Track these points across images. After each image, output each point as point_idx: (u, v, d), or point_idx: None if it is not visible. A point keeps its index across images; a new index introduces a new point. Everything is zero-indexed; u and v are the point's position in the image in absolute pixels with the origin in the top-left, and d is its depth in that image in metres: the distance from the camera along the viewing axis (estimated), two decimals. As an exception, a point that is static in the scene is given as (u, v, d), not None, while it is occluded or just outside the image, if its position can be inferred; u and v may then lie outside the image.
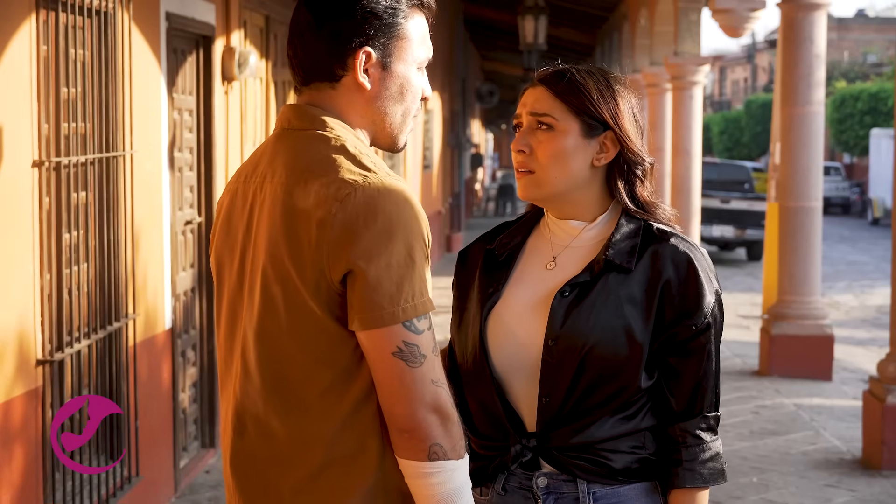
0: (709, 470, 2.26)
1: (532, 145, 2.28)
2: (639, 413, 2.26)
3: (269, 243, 1.96)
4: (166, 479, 5.84)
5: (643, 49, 15.85)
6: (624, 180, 2.31)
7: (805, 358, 9.30)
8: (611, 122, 2.28)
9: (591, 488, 2.25)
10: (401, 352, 1.89)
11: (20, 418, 4.21)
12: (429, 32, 2.11)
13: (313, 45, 2.02)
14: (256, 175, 2.04)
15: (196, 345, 6.48)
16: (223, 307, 2.09)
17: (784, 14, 9.29)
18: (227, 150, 6.76)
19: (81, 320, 4.72)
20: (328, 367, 1.94)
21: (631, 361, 2.23)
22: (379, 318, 1.88)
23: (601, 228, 2.32)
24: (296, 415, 1.96)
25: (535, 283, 2.31)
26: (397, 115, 2.06)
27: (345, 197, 1.90)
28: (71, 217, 4.61)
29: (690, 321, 2.24)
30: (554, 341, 2.23)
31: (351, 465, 1.96)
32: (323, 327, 1.93)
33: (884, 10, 69.60)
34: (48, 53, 4.38)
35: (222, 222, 2.11)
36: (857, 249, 23.17)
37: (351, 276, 1.89)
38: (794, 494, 6.23)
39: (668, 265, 2.24)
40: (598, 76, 2.32)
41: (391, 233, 1.89)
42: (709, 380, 2.27)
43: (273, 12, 7.93)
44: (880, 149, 31.46)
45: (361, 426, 1.96)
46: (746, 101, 47.86)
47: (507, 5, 17.11)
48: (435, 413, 1.90)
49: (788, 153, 9.26)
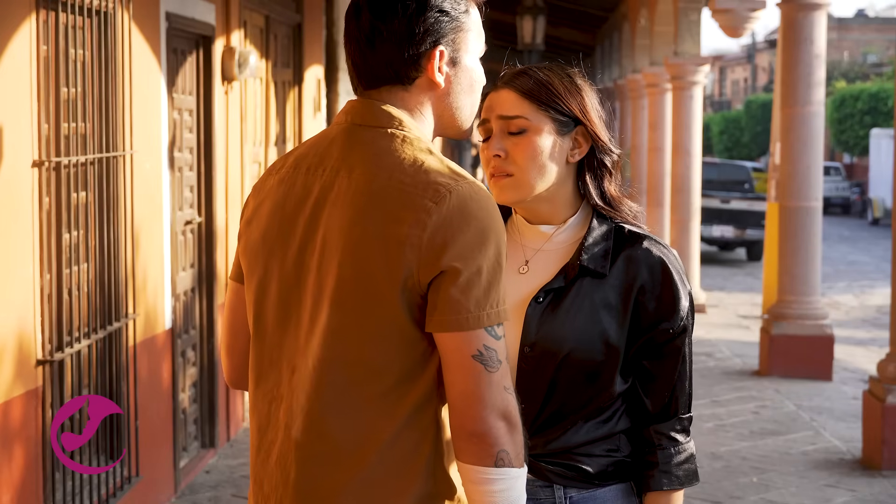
0: (684, 471, 2.28)
1: (507, 148, 2.27)
2: (613, 416, 2.26)
3: (349, 239, 1.92)
4: (166, 479, 5.84)
5: (643, 49, 15.85)
6: (593, 174, 2.31)
7: (805, 358, 9.30)
8: (580, 117, 2.28)
9: (567, 493, 2.26)
10: (481, 355, 1.88)
11: (20, 418, 4.21)
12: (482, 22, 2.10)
13: (384, 49, 1.98)
14: (324, 168, 1.99)
15: (196, 345, 6.48)
16: (270, 299, 2.03)
17: (784, 14, 9.29)
18: (227, 150, 6.76)
19: (81, 320, 4.72)
20: (395, 367, 1.92)
21: (607, 366, 2.23)
22: (465, 321, 1.88)
23: (572, 231, 2.31)
24: (355, 414, 1.94)
25: (508, 288, 2.29)
26: (468, 107, 2.06)
27: (440, 199, 1.89)
28: (71, 217, 4.61)
29: (667, 325, 2.25)
30: (530, 348, 2.23)
31: (404, 469, 1.94)
32: (399, 327, 1.91)
33: (884, 10, 69.60)
34: (48, 53, 4.38)
35: (272, 211, 2.04)
36: (857, 249, 23.17)
37: (441, 277, 1.88)
38: (794, 494, 6.23)
39: (642, 269, 2.25)
40: (559, 72, 2.32)
41: (485, 237, 1.89)
42: (683, 382, 2.29)
43: (273, 12, 7.93)
44: (880, 149, 31.46)
45: (418, 431, 1.94)
46: (746, 101, 47.86)
47: (506, 5, 17.09)
48: (504, 419, 1.89)
49: (788, 153, 9.26)
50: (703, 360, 10.12)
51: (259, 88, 7.82)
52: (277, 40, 8.21)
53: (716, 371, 9.69)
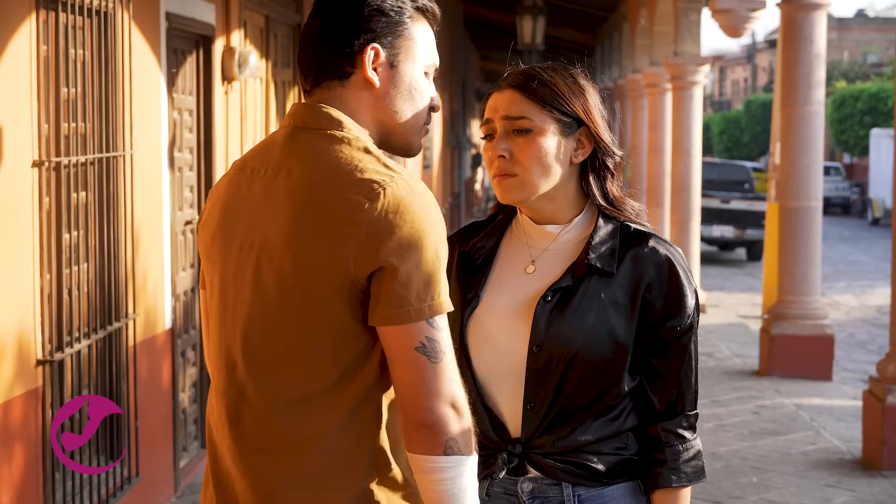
0: (692, 468, 2.28)
1: (512, 150, 2.27)
2: (621, 414, 2.27)
3: (287, 239, 1.96)
4: (166, 479, 5.84)
5: (643, 49, 15.85)
6: (596, 175, 2.32)
7: (805, 358, 9.30)
8: (584, 118, 2.29)
9: (576, 491, 2.26)
10: (423, 347, 1.92)
11: (20, 418, 4.21)
12: (435, 42, 2.12)
13: (323, 45, 2.04)
14: (266, 170, 2.04)
15: (196, 345, 6.48)
16: (215, 299, 2.08)
17: (784, 14, 9.29)
18: (227, 150, 6.76)
19: (81, 320, 4.72)
20: (337, 362, 1.95)
21: (615, 365, 2.23)
22: (406, 314, 1.91)
23: (578, 230, 2.32)
24: (297, 409, 1.97)
25: (514, 287, 2.31)
26: (407, 114, 2.07)
27: (375, 196, 1.92)
28: (71, 217, 4.61)
29: (674, 322, 2.26)
30: (539, 347, 2.23)
31: (348, 462, 1.97)
32: (339, 323, 1.94)
33: (884, 10, 69.63)
34: (48, 53, 4.38)
35: (220, 213, 2.09)
36: (857, 249, 23.17)
37: (380, 272, 1.91)
38: (794, 494, 6.23)
39: (649, 267, 2.25)
40: (563, 73, 2.32)
41: (421, 232, 1.91)
42: (690, 379, 2.30)
43: (273, 12, 7.93)
44: (880, 149, 31.46)
45: (359, 424, 1.97)
46: (746, 101, 47.87)
47: (506, 5, 17.11)
48: (451, 408, 1.93)
49: (788, 153, 9.26)
50: (704, 360, 10.12)
51: (259, 88, 7.82)
52: (277, 40, 8.21)
53: (716, 371, 9.70)
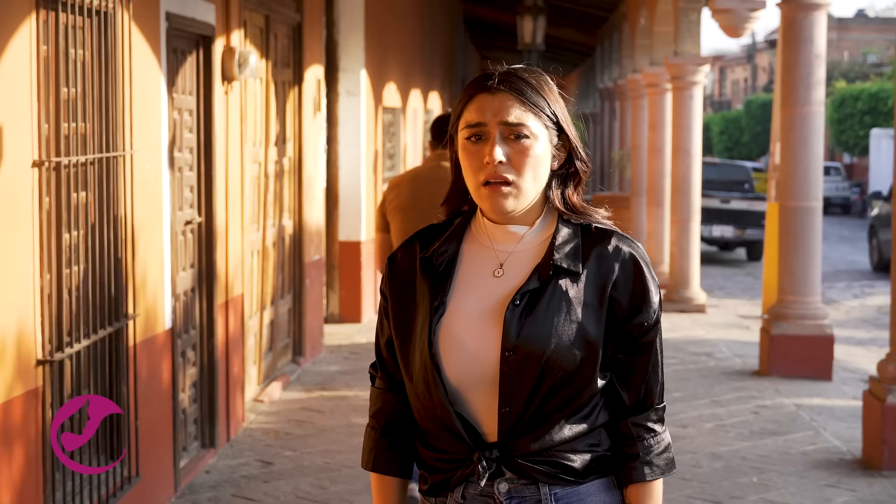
0: (664, 461, 2.30)
1: (509, 155, 2.24)
2: (593, 412, 2.27)
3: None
4: (166, 479, 5.84)
5: (643, 49, 15.85)
6: (564, 182, 2.31)
7: (805, 358, 9.30)
8: (564, 125, 2.28)
9: (552, 490, 2.26)
10: None
11: (20, 418, 4.21)
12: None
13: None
14: None
15: (196, 345, 6.48)
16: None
17: (784, 14, 9.29)
18: (227, 150, 6.76)
19: (81, 320, 4.71)
20: None
21: (587, 364, 2.23)
22: None
23: (541, 230, 2.31)
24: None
25: (481, 291, 2.28)
26: None
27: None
28: (71, 217, 4.61)
29: (641, 318, 2.27)
30: (511, 351, 2.21)
31: None
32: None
33: (884, 10, 69.60)
34: (48, 53, 4.38)
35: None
36: (857, 249, 23.15)
37: None
38: (794, 494, 6.23)
39: (614, 265, 2.26)
40: (545, 77, 2.30)
41: None
42: (657, 373, 2.31)
43: (273, 12, 7.93)
44: (880, 149, 31.47)
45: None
46: (746, 101, 47.86)
47: (506, 5, 17.11)
48: None
49: (788, 153, 9.26)
50: (704, 360, 10.12)
51: (259, 88, 7.82)
52: (277, 40, 8.22)
53: (716, 371, 9.69)
